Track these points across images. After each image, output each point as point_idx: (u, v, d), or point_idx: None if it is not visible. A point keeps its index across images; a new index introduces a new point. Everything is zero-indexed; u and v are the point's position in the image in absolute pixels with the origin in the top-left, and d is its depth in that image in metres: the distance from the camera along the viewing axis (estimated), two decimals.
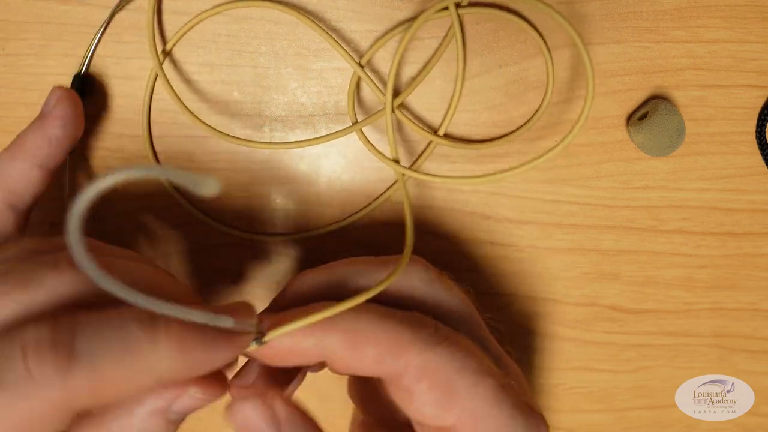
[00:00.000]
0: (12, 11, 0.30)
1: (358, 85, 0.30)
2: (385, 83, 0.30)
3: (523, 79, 0.30)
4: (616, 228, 0.31)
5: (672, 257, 0.31)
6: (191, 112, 0.29)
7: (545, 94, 0.30)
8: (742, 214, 0.31)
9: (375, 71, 0.30)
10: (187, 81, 0.30)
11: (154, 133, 0.30)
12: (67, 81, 0.30)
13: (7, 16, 0.30)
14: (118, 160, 0.31)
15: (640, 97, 0.30)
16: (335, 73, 0.30)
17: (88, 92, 0.30)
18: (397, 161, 0.29)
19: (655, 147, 0.30)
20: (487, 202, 0.31)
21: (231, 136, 0.30)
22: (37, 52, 0.30)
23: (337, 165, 0.31)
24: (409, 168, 0.30)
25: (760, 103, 0.30)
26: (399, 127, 0.31)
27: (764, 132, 0.31)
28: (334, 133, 0.29)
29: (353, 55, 0.30)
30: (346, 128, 0.29)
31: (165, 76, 0.29)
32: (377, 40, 0.30)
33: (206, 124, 0.29)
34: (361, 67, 0.29)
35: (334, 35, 0.29)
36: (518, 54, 0.30)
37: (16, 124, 0.30)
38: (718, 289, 0.32)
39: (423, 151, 0.31)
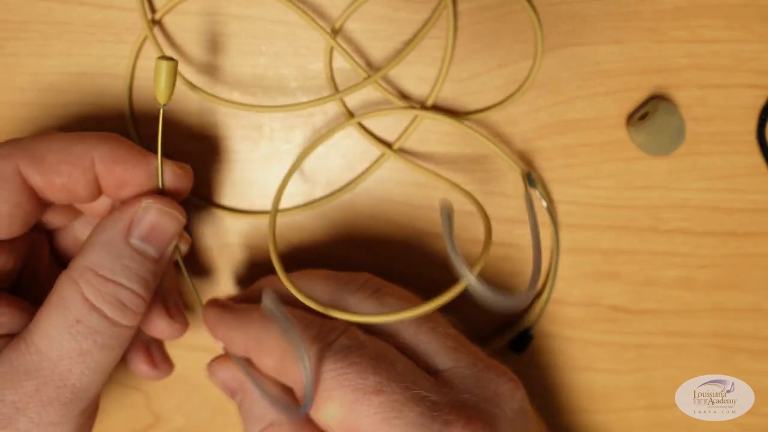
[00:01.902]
0: (12, 11, 0.30)
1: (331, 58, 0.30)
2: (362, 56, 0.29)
3: (524, 78, 0.30)
4: (616, 228, 0.31)
5: (672, 257, 0.31)
6: (167, 55, 0.29)
7: (536, 50, 0.30)
8: (742, 214, 0.31)
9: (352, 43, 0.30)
10: (188, 81, 0.30)
11: (155, 132, 0.30)
12: (66, 80, 0.30)
13: (7, 16, 0.30)
14: None
15: (640, 97, 0.30)
16: (335, 73, 0.30)
17: None
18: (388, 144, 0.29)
19: (656, 147, 0.30)
20: (488, 203, 0.31)
21: (220, 98, 0.30)
22: (37, 52, 0.30)
23: (337, 165, 0.31)
24: (393, 143, 0.30)
25: (760, 103, 0.30)
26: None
27: (764, 132, 0.31)
28: (316, 100, 0.29)
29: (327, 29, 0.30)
30: (328, 96, 0.29)
31: (154, 36, 0.29)
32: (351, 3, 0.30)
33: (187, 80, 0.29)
34: (334, 35, 0.29)
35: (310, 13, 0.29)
36: (518, 54, 0.30)
37: (16, 124, 0.30)
38: (719, 289, 0.32)
39: (409, 125, 0.30)
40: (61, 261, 0.28)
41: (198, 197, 0.31)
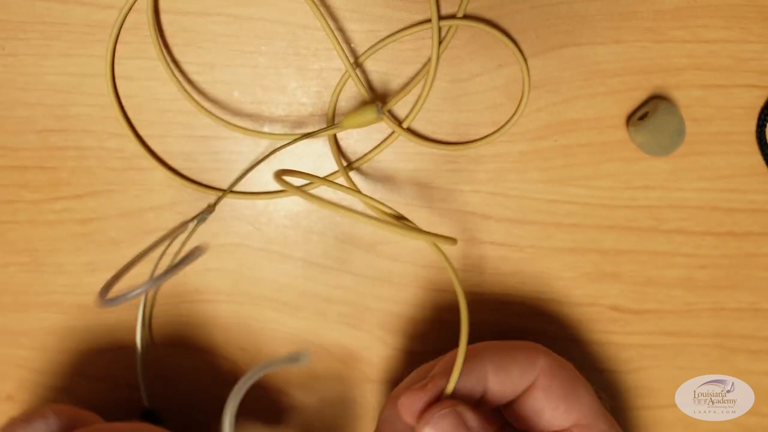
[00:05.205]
0: (12, 11, 0.30)
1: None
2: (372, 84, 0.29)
3: (524, 80, 0.30)
4: (616, 228, 0.31)
5: (672, 257, 0.31)
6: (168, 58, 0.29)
7: (521, 99, 0.30)
8: (742, 214, 0.31)
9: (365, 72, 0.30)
10: (187, 81, 0.30)
11: (155, 132, 0.30)
12: (66, 81, 0.30)
13: (7, 16, 0.30)
14: (117, 160, 0.31)
15: (640, 97, 0.30)
16: (335, 73, 0.30)
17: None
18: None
19: (655, 147, 0.30)
20: (487, 202, 0.31)
21: (230, 123, 0.30)
22: (37, 52, 0.30)
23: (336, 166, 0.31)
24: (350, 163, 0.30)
25: (760, 103, 0.30)
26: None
27: (764, 132, 0.31)
28: (317, 131, 0.29)
29: (349, 55, 0.30)
30: (328, 128, 0.30)
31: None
32: (376, 42, 0.30)
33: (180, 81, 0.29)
34: (355, 66, 0.30)
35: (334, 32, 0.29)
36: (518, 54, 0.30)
37: (16, 124, 0.30)
38: (719, 289, 0.32)
39: (383, 141, 0.31)
40: None
41: (197, 197, 0.31)
